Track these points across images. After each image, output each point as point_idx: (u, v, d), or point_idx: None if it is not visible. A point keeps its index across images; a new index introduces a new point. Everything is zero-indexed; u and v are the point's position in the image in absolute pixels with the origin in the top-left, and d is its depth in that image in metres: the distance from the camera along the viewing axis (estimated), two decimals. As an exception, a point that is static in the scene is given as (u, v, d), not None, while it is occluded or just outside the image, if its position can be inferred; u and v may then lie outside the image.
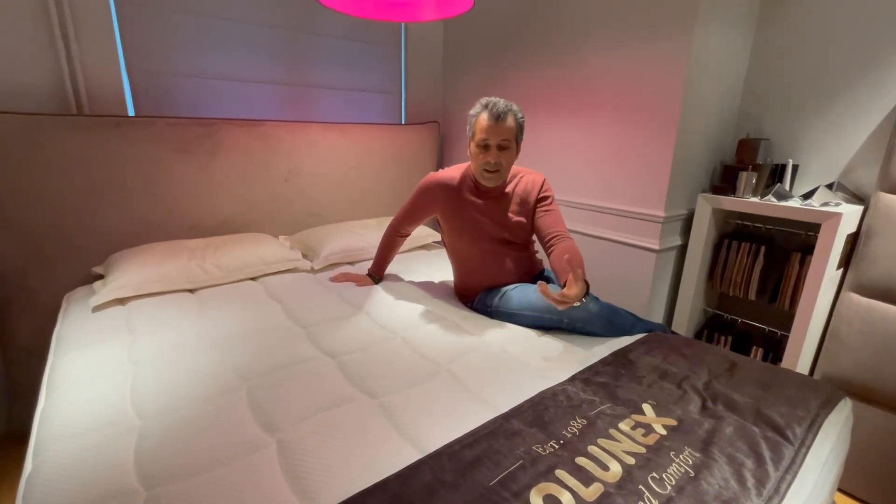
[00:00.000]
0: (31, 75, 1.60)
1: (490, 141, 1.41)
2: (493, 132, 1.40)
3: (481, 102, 1.43)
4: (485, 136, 1.41)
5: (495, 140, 1.41)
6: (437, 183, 1.59)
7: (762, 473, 0.82)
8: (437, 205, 1.60)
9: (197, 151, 1.89)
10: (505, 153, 1.44)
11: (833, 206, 1.55)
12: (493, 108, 1.39)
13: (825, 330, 1.69)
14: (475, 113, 1.44)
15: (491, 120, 1.39)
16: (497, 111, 1.39)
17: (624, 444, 0.89)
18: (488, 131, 1.40)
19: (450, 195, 1.56)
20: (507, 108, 1.40)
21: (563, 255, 1.38)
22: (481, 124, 1.41)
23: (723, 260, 1.89)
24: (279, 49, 2.16)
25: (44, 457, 0.85)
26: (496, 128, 1.39)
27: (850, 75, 1.64)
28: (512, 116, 1.41)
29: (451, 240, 1.64)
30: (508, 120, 1.40)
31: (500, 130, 1.40)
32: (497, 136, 1.40)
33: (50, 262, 1.66)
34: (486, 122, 1.40)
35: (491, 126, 1.39)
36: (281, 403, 1.00)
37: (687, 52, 1.61)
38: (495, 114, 1.39)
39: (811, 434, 0.94)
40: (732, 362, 1.22)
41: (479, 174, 1.49)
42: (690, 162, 1.82)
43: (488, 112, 1.40)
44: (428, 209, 1.64)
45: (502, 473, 0.79)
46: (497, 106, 1.39)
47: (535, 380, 1.12)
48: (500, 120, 1.39)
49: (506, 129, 1.40)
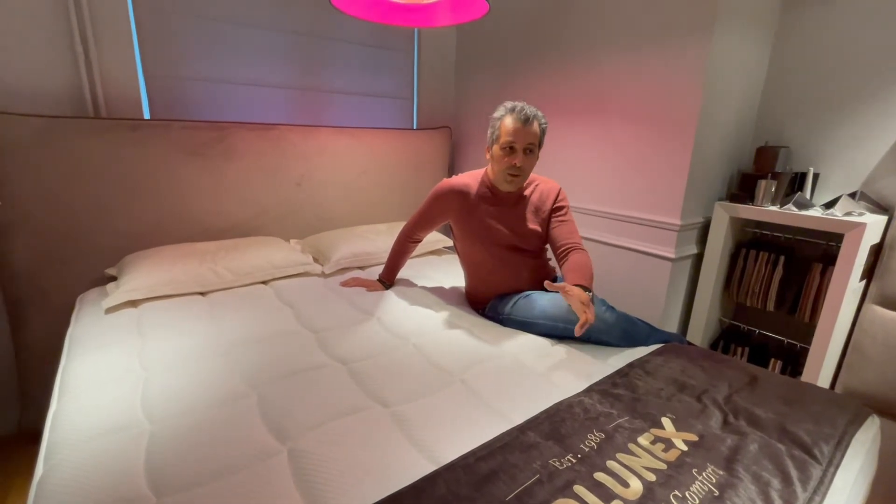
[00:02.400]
0: (50, 79, 1.62)
1: (516, 144, 1.41)
2: (521, 135, 1.40)
3: (506, 106, 1.43)
4: (511, 139, 1.40)
5: (522, 143, 1.41)
6: (451, 189, 1.58)
7: (790, 494, 0.79)
8: (451, 211, 1.59)
9: (210, 155, 1.90)
10: (528, 158, 1.44)
11: (856, 216, 1.51)
12: (521, 112, 1.40)
13: (847, 343, 1.65)
14: (500, 115, 1.43)
15: (519, 123, 1.39)
16: (525, 115, 1.39)
17: (644, 459, 0.86)
18: (515, 134, 1.40)
19: (464, 201, 1.55)
20: (533, 113, 1.41)
21: (574, 267, 1.38)
22: (507, 127, 1.41)
23: (740, 269, 1.85)
24: (293, 54, 2.17)
25: (55, 460, 0.84)
26: (523, 131, 1.39)
27: (873, 82, 1.60)
28: (537, 122, 1.42)
29: (463, 246, 1.62)
30: (534, 125, 1.41)
31: (526, 134, 1.40)
32: (524, 139, 1.40)
33: (64, 262, 1.67)
34: (513, 124, 1.40)
35: (519, 129, 1.39)
36: (292, 411, 0.99)
37: (705, 59, 1.58)
38: (524, 117, 1.39)
39: (839, 453, 0.91)
40: (753, 375, 1.19)
41: (501, 177, 1.48)
42: (707, 169, 1.79)
43: (516, 115, 1.40)
44: (441, 215, 1.63)
45: (519, 488, 0.77)
46: (525, 110, 1.40)
47: (549, 391, 1.10)
48: (527, 123, 1.39)
49: (532, 133, 1.41)
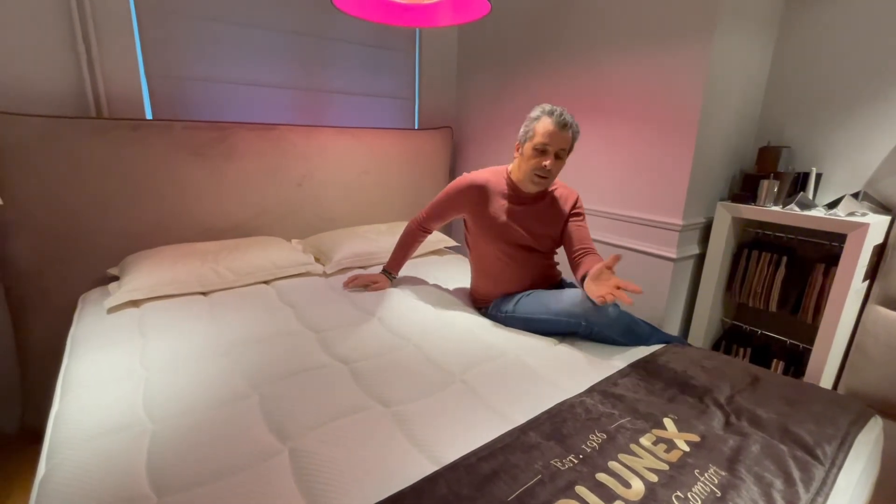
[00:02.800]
0: (52, 79, 1.63)
1: (550, 147, 1.43)
2: (556, 138, 1.42)
3: (544, 108, 1.45)
4: (546, 141, 1.42)
5: (555, 147, 1.43)
6: (472, 184, 1.58)
7: (792, 495, 0.78)
8: (470, 205, 1.58)
9: (212, 155, 1.90)
10: (557, 162, 1.46)
11: (859, 216, 1.51)
12: (559, 116, 1.41)
13: (850, 344, 1.64)
14: (536, 116, 1.45)
15: (557, 126, 1.41)
16: (564, 120, 1.41)
17: (646, 459, 0.86)
18: (551, 136, 1.41)
19: (483, 197, 1.56)
20: (571, 121, 1.44)
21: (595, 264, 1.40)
22: (545, 128, 1.42)
23: (742, 270, 1.85)
24: (294, 54, 2.17)
25: (57, 460, 0.84)
26: (560, 135, 1.41)
27: (876, 81, 1.59)
28: (572, 130, 1.44)
29: (476, 242, 1.62)
30: (569, 131, 1.43)
31: (562, 139, 1.42)
32: (558, 143, 1.42)
33: (66, 262, 1.67)
34: (550, 127, 1.41)
35: (555, 132, 1.41)
36: (293, 411, 0.99)
37: (707, 59, 1.58)
38: (562, 122, 1.41)
39: (842, 453, 0.91)
40: (755, 376, 1.18)
41: (527, 177, 1.49)
42: (709, 169, 1.79)
43: (554, 118, 1.41)
44: (458, 208, 1.62)
45: (520, 489, 0.77)
46: (564, 115, 1.42)
47: (551, 391, 1.10)
48: (564, 129, 1.41)
49: (565, 139, 1.43)
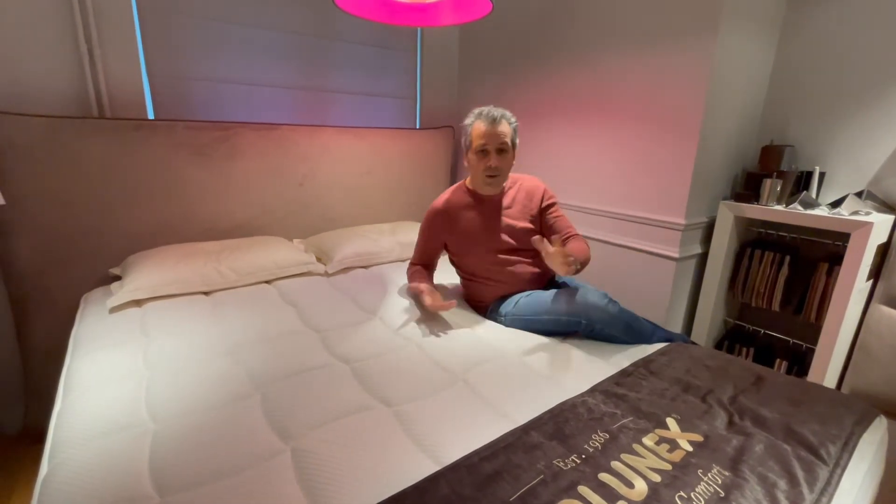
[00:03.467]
0: (55, 79, 1.63)
1: (489, 146, 1.45)
2: (491, 136, 1.44)
3: (473, 112, 1.48)
4: (483, 142, 1.45)
5: (494, 144, 1.45)
6: (434, 211, 1.61)
7: (796, 495, 0.78)
8: (444, 230, 1.60)
9: (214, 155, 1.91)
10: (503, 157, 1.47)
11: (863, 216, 1.50)
12: (488, 114, 1.44)
13: (853, 343, 1.63)
14: (469, 122, 1.48)
15: (487, 125, 1.43)
16: (492, 116, 1.44)
17: (648, 459, 0.85)
18: (486, 136, 1.44)
19: (450, 217, 1.58)
20: (500, 114, 1.45)
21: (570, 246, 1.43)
22: (478, 131, 1.45)
23: (745, 269, 1.84)
24: (296, 54, 2.17)
25: (59, 459, 0.84)
26: (493, 131, 1.43)
27: (879, 80, 1.59)
28: (506, 121, 1.46)
29: (460, 259, 1.64)
30: (503, 124, 1.45)
31: (496, 134, 1.44)
32: (495, 139, 1.44)
33: (68, 262, 1.67)
34: (482, 127, 1.44)
35: (488, 131, 1.43)
36: (295, 410, 0.99)
37: (710, 58, 1.57)
38: (491, 118, 1.43)
39: (846, 454, 0.90)
40: (759, 376, 1.18)
41: (480, 181, 1.52)
42: (712, 169, 1.78)
43: (484, 118, 1.44)
44: (436, 238, 1.63)
45: (523, 488, 0.77)
46: (492, 112, 1.45)
47: (553, 391, 1.10)
48: (495, 123, 1.43)
49: (501, 133, 1.44)
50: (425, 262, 1.68)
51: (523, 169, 2.35)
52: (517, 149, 1.53)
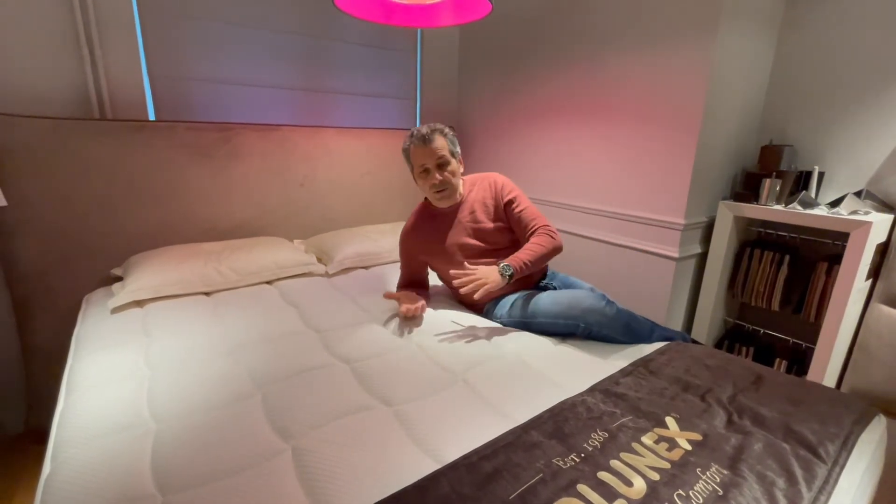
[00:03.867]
0: (57, 81, 1.64)
1: (427, 164, 1.48)
2: (426, 155, 1.47)
3: (407, 137, 1.51)
4: (421, 162, 1.48)
5: (431, 161, 1.48)
6: (405, 234, 1.64)
7: (795, 493, 0.78)
8: (417, 250, 1.62)
9: (215, 155, 1.91)
10: (445, 170, 1.50)
11: (862, 215, 1.51)
12: (417, 135, 1.47)
13: (853, 343, 1.64)
14: (406, 147, 1.52)
15: (420, 145, 1.47)
16: (422, 135, 1.47)
17: (647, 458, 0.86)
18: (422, 156, 1.48)
19: (419, 236, 1.60)
20: (430, 130, 1.48)
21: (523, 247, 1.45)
22: (414, 153, 1.49)
23: (744, 269, 1.85)
24: (297, 55, 2.18)
25: (62, 458, 0.85)
26: (426, 150, 1.47)
27: (878, 80, 1.59)
28: (439, 134, 1.48)
29: (444, 275, 1.65)
30: (436, 139, 1.47)
31: (430, 151, 1.47)
32: (430, 156, 1.47)
33: (70, 263, 1.68)
34: (416, 149, 1.48)
35: (422, 150, 1.47)
36: (296, 410, 1.00)
37: (709, 58, 1.58)
38: (420, 138, 1.47)
39: (845, 452, 0.90)
40: (758, 375, 1.18)
41: (432, 199, 1.55)
42: (711, 168, 1.79)
43: (415, 140, 1.48)
44: (414, 258, 1.64)
45: (522, 487, 0.77)
46: (420, 131, 1.48)
47: (552, 390, 1.10)
48: (427, 142, 1.46)
49: (436, 149, 1.47)
50: (413, 282, 1.69)
51: (524, 168, 2.36)
52: (459, 156, 1.54)
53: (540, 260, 1.45)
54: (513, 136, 2.42)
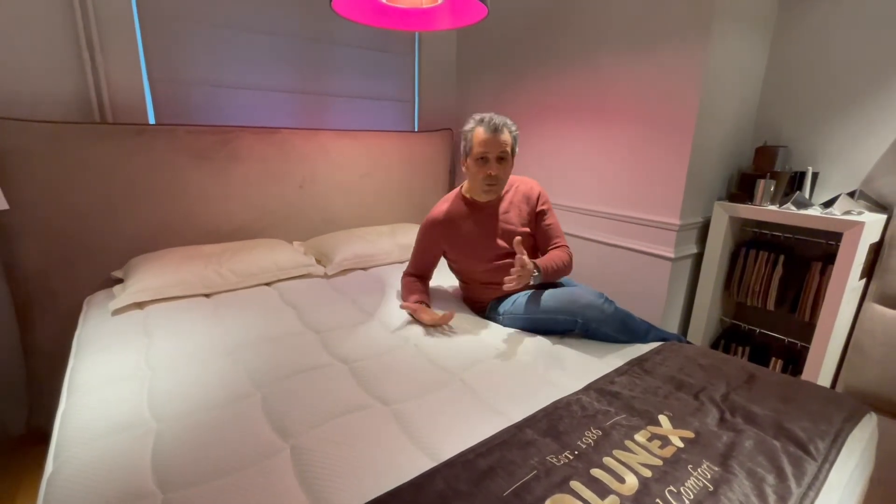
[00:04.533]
0: (58, 85, 1.65)
1: (489, 154, 1.45)
2: (492, 144, 1.44)
3: (474, 118, 1.48)
4: (484, 150, 1.45)
5: (494, 152, 1.45)
6: (432, 221, 1.61)
7: (784, 489, 0.80)
8: (442, 239, 1.61)
9: (214, 158, 1.93)
10: (502, 166, 1.48)
11: (855, 215, 1.52)
12: (489, 122, 1.44)
13: (847, 342, 1.65)
14: (470, 128, 1.48)
15: (489, 133, 1.43)
16: (494, 124, 1.44)
17: (640, 455, 0.87)
18: (486, 144, 1.44)
19: (448, 226, 1.59)
20: (502, 122, 1.45)
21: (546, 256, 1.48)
22: (479, 138, 1.45)
23: (740, 269, 1.86)
24: (295, 58, 2.20)
25: (64, 458, 0.86)
26: (494, 140, 1.43)
27: (872, 81, 1.61)
28: (507, 129, 1.46)
29: (460, 266, 1.65)
30: (504, 133, 1.45)
31: (497, 142, 1.44)
32: (495, 148, 1.44)
33: (71, 265, 1.70)
34: (483, 135, 1.44)
35: (489, 139, 1.43)
36: (295, 409, 1.01)
37: (702, 59, 1.60)
38: (492, 126, 1.43)
39: (835, 449, 0.92)
40: (751, 374, 1.20)
41: (479, 188, 1.52)
42: (706, 169, 1.80)
43: (485, 126, 1.44)
44: (434, 247, 1.64)
45: (516, 483, 0.78)
46: (494, 119, 1.44)
47: (548, 389, 1.11)
48: (497, 132, 1.44)
49: (503, 142, 1.44)
50: (421, 273, 1.68)
51: (520, 169, 2.37)
52: (516, 156, 1.53)
53: (558, 274, 1.49)
54: (510, 137, 2.43)
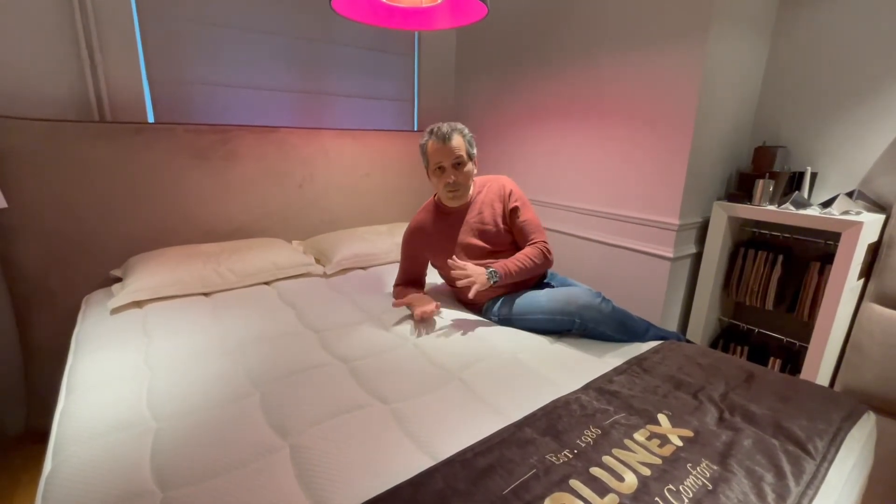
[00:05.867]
0: (57, 84, 1.65)
1: (444, 162, 1.48)
2: (444, 153, 1.47)
3: (427, 131, 1.51)
4: (438, 159, 1.48)
5: (448, 160, 1.48)
6: (410, 232, 1.63)
7: (783, 488, 0.80)
8: (422, 247, 1.63)
9: (213, 158, 1.93)
10: (461, 170, 1.50)
11: (853, 215, 1.52)
12: (438, 132, 1.47)
13: (846, 341, 1.65)
14: (424, 142, 1.51)
15: (439, 143, 1.47)
16: (442, 133, 1.47)
17: (639, 454, 0.87)
18: (439, 153, 1.47)
19: (427, 233, 1.61)
20: (451, 129, 1.48)
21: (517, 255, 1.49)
22: (432, 149, 1.48)
23: (739, 269, 1.86)
24: (295, 58, 2.20)
25: (63, 456, 0.86)
26: (445, 148, 1.47)
27: (870, 82, 1.61)
28: (458, 134, 1.49)
29: (441, 270, 1.66)
30: (455, 138, 1.47)
31: (449, 150, 1.47)
32: (448, 155, 1.47)
33: (70, 264, 1.69)
34: (434, 145, 1.48)
35: (440, 148, 1.47)
36: (294, 408, 1.01)
37: (702, 59, 1.60)
38: (441, 136, 1.47)
39: (833, 448, 0.92)
40: (750, 373, 1.20)
41: (444, 197, 1.55)
42: (705, 169, 1.80)
43: (435, 136, 1.47)
44: (417, 255, 1.65)
45: (515, 482, 0.78)
46: (441, 129, 1.47)
47: (547, 388, 1.11)
48: (447, 141, 1.46)
49: (454, 148, 1.47)
50: (410, 281, 1.70)
51: (519, 169, 2.37)
52: (475, 158, 1.55)
53: (526, 272, 1.48)
54: (509, 137, 2.44)
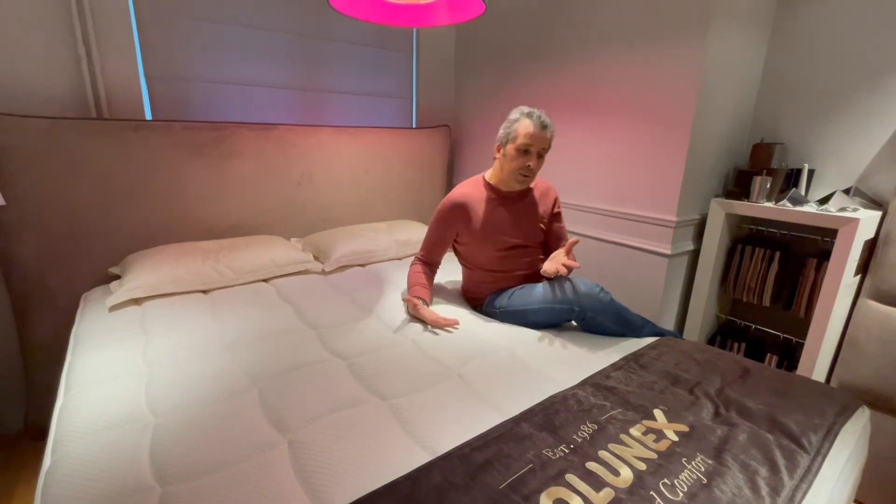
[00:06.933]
0: (54, 81, 1.65)
1: (532, 147, 1.48)
2: (538, 139, 1.47)
3: (523, 111, 1.49)
4: (528, 142, 1.47)
5: (537, 146, 1.48)
6: (454, 203, 1.60)
7: (776, 482, 0.81)
8: (460, 222, 1.61)
9: (212, 155, 1.93)
10: (540, 161, 1.52)
11: (850, 212, 1.53)
12: (539, 118, 1.47)
13: (842, 337, 1.66)
14: (516, 118, 1.50)
15: (537, 127, 1.46)
16: (543, 122, 1.47)
17: (635, 449, 0.88)
18: (533, 137, 1.47)
19: (470, 209, 1.59)
20: (549, 122, 1.49)
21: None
22: (526, 129, 1.47)
23: (736, 265, 1.87)
24: (293, 55, 2.19)
25: (62, 452, 0.87)
26: (540, 135, 1.47)
27: (867, 79, 1.61)
28: (551, 130, 1.50)
29: (470, 250, 1.63)
30: (549, 131, 1.49)
31: (542, 139, 1.48)
32: (540, 143, 1.48)
33: (68, 262, 1.69)
34: (531, 128, 1.46)
35: (536, 133, 1.46)
36: (292, 404, 1.01)
37: (700, 57, 1.60)
38: (542, 123, 1.47)
39: (827, 442, 0.93)
40: (745, 368, 1.21)
41: (511, 176, 1.54)
42: (703, 166, 1.81)
43: (535, 120, 1.47)
44: (451, 229, 1.63)
45: (512, 477, 0.79)
46: (543, 117, 1.48)
47: (544, 384, 1.12)
48: (545, 129, 1.47)
49: (546, 139, 1.49)
50: (433, 259, 1.68)
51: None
52: None
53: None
54: (508, 134, 2.44)
